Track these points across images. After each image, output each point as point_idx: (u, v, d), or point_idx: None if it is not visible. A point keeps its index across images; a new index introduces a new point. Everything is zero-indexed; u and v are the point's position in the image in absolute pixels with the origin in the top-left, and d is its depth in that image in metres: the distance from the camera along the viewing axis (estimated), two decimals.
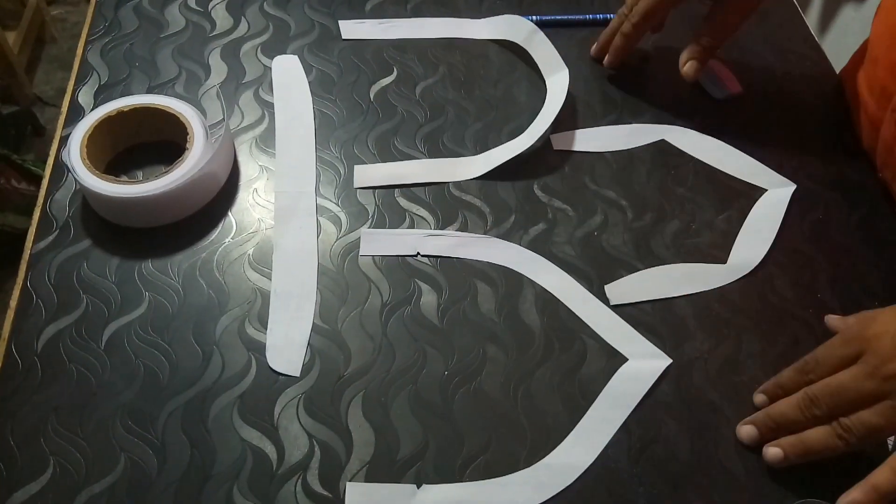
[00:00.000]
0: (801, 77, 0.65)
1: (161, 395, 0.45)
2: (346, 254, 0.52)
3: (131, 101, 0.54)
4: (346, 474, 0.43)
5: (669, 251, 0.53)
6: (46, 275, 0.49)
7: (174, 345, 0.47)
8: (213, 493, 0.42)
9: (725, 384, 0.47)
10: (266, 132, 0.58)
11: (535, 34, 0.64)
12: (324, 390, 0.46)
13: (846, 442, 0.41)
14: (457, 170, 0.57)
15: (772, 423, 0.44)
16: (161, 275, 0.50)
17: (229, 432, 0.44)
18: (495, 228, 0.54)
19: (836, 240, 0.55)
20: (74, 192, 0.54)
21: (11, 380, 0.45)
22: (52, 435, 0.43)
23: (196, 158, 0.51)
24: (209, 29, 0.65)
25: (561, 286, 0.51)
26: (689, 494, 0.43)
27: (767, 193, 0.57)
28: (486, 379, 0.47)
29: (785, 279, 0.52)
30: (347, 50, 0.65)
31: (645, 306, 0.51)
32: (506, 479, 0.43)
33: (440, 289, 0.51)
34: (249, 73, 0.62)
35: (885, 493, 0.39)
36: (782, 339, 0.49)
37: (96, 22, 0.65)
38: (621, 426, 0.45)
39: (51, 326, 0.47)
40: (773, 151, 0.59)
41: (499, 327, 0.49)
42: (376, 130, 0.59)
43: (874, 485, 0.40)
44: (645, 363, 0.48)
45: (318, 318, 0.49)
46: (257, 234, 0.52)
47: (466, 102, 0.61)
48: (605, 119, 0.61)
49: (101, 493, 0.41)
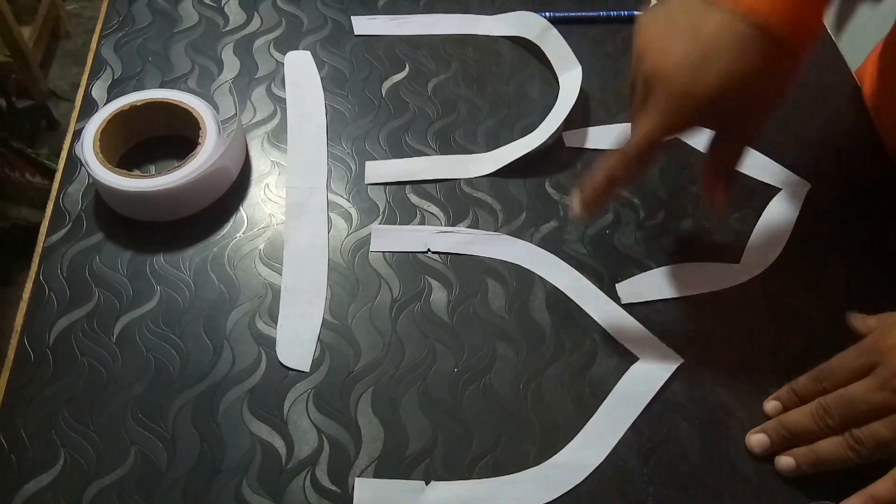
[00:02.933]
0: (816, 76, 0.65)
1: (171, 388, 0.45)
2: (356, 250, 0.52)
3: (144, 96, 0.54)
4: (354, 470, 0.43)
5: (682, 250, 0.53)
6: (59, 268, 0.49)
7: (185, 339, 0.47)
8: (223, 487, 0.42)
9: (737, 385, 0.47)
10: (278, 128, 0.58)
11: (548, 31, 0.64)
12: (333, 386, 0.46)
13: (858, 454, 0.41)
14: (468, 167, 0.57)
15: (785, 431, 0.43)
16: (172, 269, 0.50)
17: (239, 426, 0.44)
18: (506, 226, 0.54)
19: (851, 240, 0.54)
20: (87, 185, 0.54)
21: (24, 372, 0.45)
22: (64, 427, 0.43)
23: (208, 153, 0.51)
24: (222, 24, 0.65)
25: (572, 284, 0.51)
26: (698, 495, 0.43)
27: (782, 192, 0.56)
28: (495, 376, 0.47)
29: (799, 279, 0.52)
30: (360, 46, 0.64)
31: (657, 305, 0.50)
32: (514, 478, 0.43)
33: (450, 286, 0.50)
34: (262, 69, 0.62)
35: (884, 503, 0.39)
36: (795, 339, 0.49)
37: (110, 17, 0.65)
38: (631, 426, 0.45)
39: (63, 319, 0.47)
40: (788, 150, 0.59)
41: (509, 325, 0.49)
42: (388, 127, 0.59)
43: (873, 495, 0.40)
44: (656, 363, 0.47)
45: (328, 313, 0.49)
46: (268, 229, 0.53)
47: (478, 99, 0.61)
48: (619, 117, 0.61)
49: (112, 485, 0.41)
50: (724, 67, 0.39)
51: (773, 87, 0.41)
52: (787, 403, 0.45)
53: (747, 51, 0.39)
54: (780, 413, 0.45)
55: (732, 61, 0.39)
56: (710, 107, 0.40)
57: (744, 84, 0.40)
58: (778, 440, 0.43)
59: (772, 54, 0.39)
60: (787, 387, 0.45)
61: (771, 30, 0.38)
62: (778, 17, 0.38)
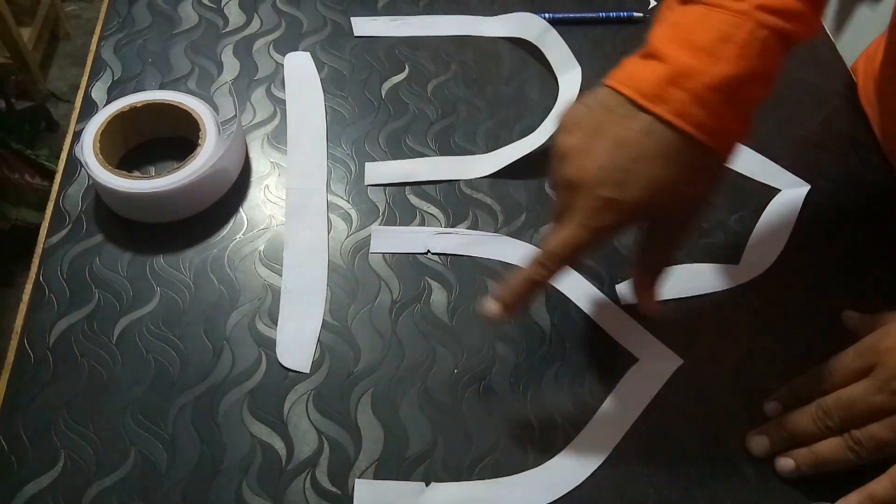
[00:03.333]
0: (815, 76, 0.65)
1: (171, 390, 0.45)
2: (356, 251, 0.52)
3: (144, 97, 0.54)
4: (354, 471, 0.43)
5: (682, 251, 0.53)
6: (59, 269, 0.49)
7: (185, 340, 0.47)
8: (223, 489, 0.42)
9: (737, 385, 0.47)
10: (278, 129, 0.58)
11: (547, 32, 0.64)
12: (333, 387, 0.46)
13: (857, 455, 0.41)
14: (468, 168, 0.57)
15: (784, 433, 0.43)
16: (172, 270, 0.50)
17: (239, 428, 0.44)
18: (506, 227, 0.54)
19: (851, 241, 0.54)
20: (87, 187, 0.54)
21: (23, 373, 0.45)
22: (63, 429, 0.43)
23: (208, 154, 0.51)
24: (222, 25, 0.65)
25: (572, 285, 0.51)
26: (698, 496, 0.43)
27: (781, 193, 0.56)
28: (495, 378, 0.47)
29: (798, 280, 0.52)
30: (359, 47, 0.65)
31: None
32: (514, 479, 0.43)
33: (450, 287, 0.50)
34: (262, 70, 0.62)
35: (881, 502, 0.39)
36: (795, 340, 0.49)
37: (110, 18, 0.65)
38: (631, 427, 0.45)
39: (63, 321, 0.47)
40: (787, 151, 0.59)
41: (509, 326, 0.49)
42: (388, 128, 0.59)
43: (871, 493, 0.40)
44: (656, 364, 0.47)
45: (328, 314, 0.49)
46: (268, 230, 0.53)
47: (478, 100, 0.61)
48: None
49: (112, 486, 0.41)
50: (649, 175, 0.38)
51: (699, 192, 0.40)
52: (786, 404, 0.45)
53: (673, 160, 0.38)
54: (779, 414, 0.45)
55: (658, 170, 0.38)
56: (637, 217, 0.39)
57: (669, 192, 0.38)
58: (778, 441, 0.43)
59: (698, 162, 0.38)
60: (787, 387, 0.45)
61: (698, 138, 0.37)
62: (706, 126, 0.37)
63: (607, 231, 0.40)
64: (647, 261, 0.44)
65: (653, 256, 0.44)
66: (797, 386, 0.45)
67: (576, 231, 0.39)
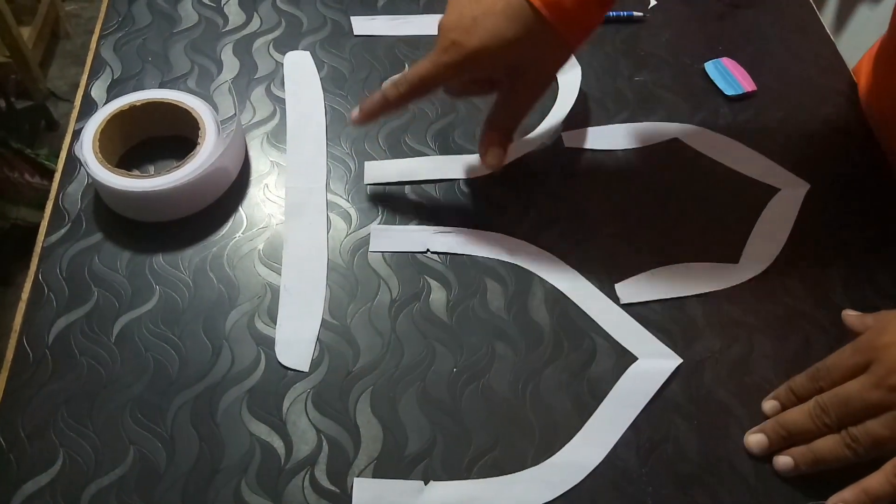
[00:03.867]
0: (815, 76, 0.65)
1: (170, 388, 0.45)
2: (355, 250, 0.52)
3: (144, 96, 0.54)
4: (353, 470, 0.43)
5: (681, 250, 0.53)
6: (58, 268, 0.49)
7: (184, 339, 0.47)
8: (222, 487, 0.42)
9: (736, 384, 0.47)
10: (277, 128, 0.58)
11: None
12: (332, 386, 0.46)
13: (855, 452, 0.41)
14: (467, 167, 0.57)
15: (783, 431, 0.43)
16: (172, 269, 0.50)
17: (238, 426, 0.44)
18: (506, 226, 0.54)
19: (850, 240, 0.54)
20: (86, 185, 0.54)
21: (22, 372, 0.45)
22: (62, 427, 0.43)
23: (207, 153, 0.51)
24: (222, 24, 0.65)
25: (571, 284, 0.51)
26: (697, 495, 0.43)
27: (780, 193, 0.56)
28: (494, 376, 0.47)
29: (797, 279, 0.52)
30: (359, 46, 0.65)
31: (655, 305, 0.50)
32: (513, 477, 0.43)
33: (449, 286, 0.50)
34: (261, 69, 0.62)
35: (875, 497, 0.40)
36: (794, 339, 0.49)
37: (110, 17, 0.65)
38: (630, 426, 0.45)
39: (62, 319, 0.47)
40: (786, 151, 0.59)
41: (508, 325, 0.49)
42: (387, 127, 0.59)
43: (865, 488, 0.40)
44: (655, 362, 0.47)
45: (327, 313, 0.49)
46: (268, 229, 0.53)
47: (477, 99, 0.61)
48: (618, 117, 0.61)
49: (110, 485, 0.41)
50: (491, 29, 0.45)
51: (538, 64, 0.48)
52: (784, 402, 0.45)
53: (514, 20, 0.45)
54: (778, 412, 0.45)
55: (499, 26, 0.45)
56: (476, 63, 0.47)
57: (506, 49, 0.46)
58: (776, 439, 0.44)
59: (535, 28, 0.45)
60: (785, 386, 0.45)
61: (541, 11, 0.45)
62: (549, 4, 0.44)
63: (451, 69, 0.47)
64: (492, 119, 0.52)
65: (497, 117, 0.52)
66: (795, 384, 0.45)
67: (426, 64, 0.48)
